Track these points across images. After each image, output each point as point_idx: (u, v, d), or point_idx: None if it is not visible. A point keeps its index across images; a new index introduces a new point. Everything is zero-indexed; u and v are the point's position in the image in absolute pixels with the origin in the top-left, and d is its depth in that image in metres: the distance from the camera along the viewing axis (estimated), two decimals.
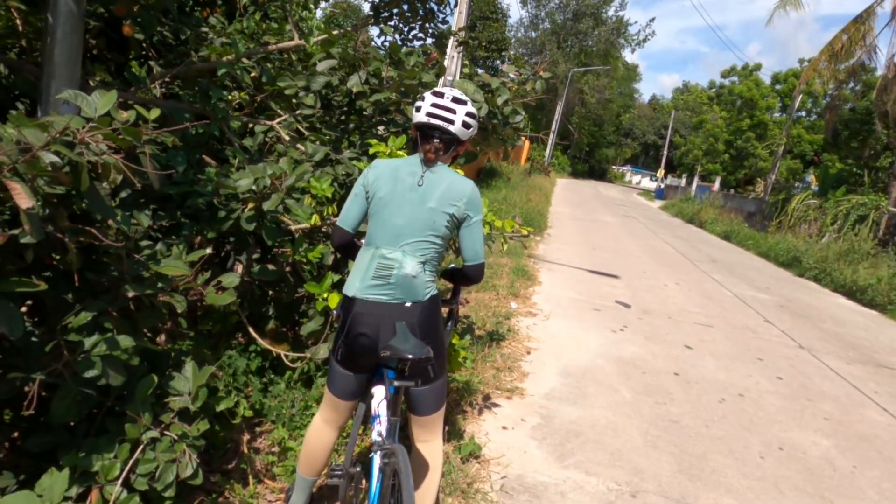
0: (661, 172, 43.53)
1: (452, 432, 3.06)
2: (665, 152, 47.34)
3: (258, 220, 2.53)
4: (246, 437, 2.54)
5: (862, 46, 16.49)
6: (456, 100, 2.01)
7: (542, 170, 30.42)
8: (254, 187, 2.51)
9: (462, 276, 2.22)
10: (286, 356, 2.83)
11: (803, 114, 34.80)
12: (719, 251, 14.25)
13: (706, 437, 3.66)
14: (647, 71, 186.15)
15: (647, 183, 56.51)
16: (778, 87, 37.16)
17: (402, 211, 1.96)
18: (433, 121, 1.99)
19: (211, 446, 2.62)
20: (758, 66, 38.76)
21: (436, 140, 2.01)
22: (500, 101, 2.97)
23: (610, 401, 3.97)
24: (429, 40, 4.49)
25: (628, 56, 69.63)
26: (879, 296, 9.47)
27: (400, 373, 1.89)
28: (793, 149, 32.27)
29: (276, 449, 2.72)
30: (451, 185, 2.00)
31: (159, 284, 1.85)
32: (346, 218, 2.08)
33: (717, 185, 31.01)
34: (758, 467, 3.38)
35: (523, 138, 34.35)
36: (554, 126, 38.72)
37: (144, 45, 3.70)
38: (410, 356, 1.70)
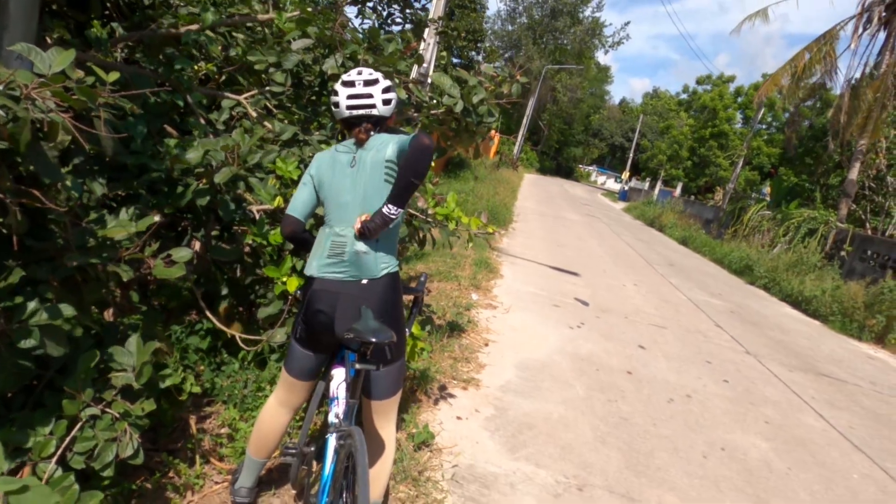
0: (626, 175, 44.34)
1: (406, 420, 3.05)
2: (631, 155, 48.23)
3: (213, 196, 2.45)
4: (194, 417, 2.47)
5: (823, 66, 17.06)
6: (367, 83, 2.01)
7: (510, 164, 30.55)
8: (207, 160, 2.42)
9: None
10: (240, 338, 2.76)
11: (764, 126, 35.90)
12: (677, 255, 14.61)
13: (654, 435, 3.75)
14: (618, 73, 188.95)
15: (612, 184, 57.43)
16: (739, 99, 38.29)
17: (345, 188, 1.97)
18: (356, 112, 2.01)
19: (157, 424, 2.54)
20: (731, 78, 39.87)
21: (364, 124, 2.01)
22: (475, 99, 2.95)
23: (564, 396, 4.03)
24: (407, 26, 4.42)
25: (601, 57, 70.49)
26: (823, 307, 9.86)
27: (361, 356, 1.86)
28: (752, 160, 33.30)
29: (225, 430, 2.66)
30: (376, 146, 1.98)
31: (104, 254, 1.77)
32: (295, 205, 2.07)
33: (678, 191, 31.78)
34: (700, 466, 3.48)
35: (493, 133, 34.47)
36: (525, 121, 38.92)
37: (108, 4, 3.54)
38: (374, 339, 1.68)
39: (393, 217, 1.88)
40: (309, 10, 3.13)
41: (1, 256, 1.74)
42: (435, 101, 3.03)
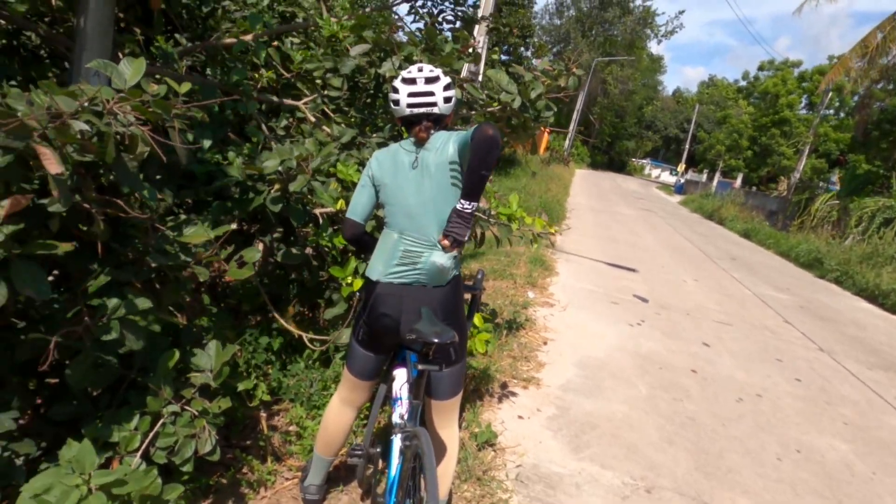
0: (681, 167, 43.00)
1: (469, 419, 3.05)
2: (687, 146, 46.73)
3: (284, 202, 2.51)
4: (264, 414, 2.55)
5: None
6: (428, 80, 1.98)
7: (561, 160, 30.18)
8: (280, 168, 2.49)
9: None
10: (307, 338, 2.83)
11: (831, 112, 34.10)
12: (739, 249, 14.05)
13: (723, 436, 3.62)
14: (672, 63, 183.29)
15: (667, 177, 55.82)
16: (804, 84, 36.47)
17: (409, 191, 1.95)
18: (417, 110, 1.97)
19: (230, 422, 2.63)
20: (798, 63, 38.02)
21: (424, 123, 1.99)
22: (533, 94, 2.91)
23: (626, 395, 3.94)
24: (458, 24, 4.43)
25: (654, 47, 68.59)
26: None
27: (423, 356, 1.87)
28: (818, 147, 31.69)
29: (293, 427, 2.73)
30: (439, 150, 1.96)
31: (182, 257, 1.84)
32: (355, 208, 2.07)
33: (738, 182, 30.54)
34: (775, 469, 3.33)
35: (543, 128, 33.95)
36: (575, 116, 38.32)
37: (171, 17, 3.70)
38: (436, 340, 1.68)
39: (468, 211, 1.85)
40: (361, 13, 3.18)
41: (87, 261, 1.84)
42: (490, 99, 3.02)
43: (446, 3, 4.19)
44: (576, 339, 4.91)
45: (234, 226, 2.29)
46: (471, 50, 3.16)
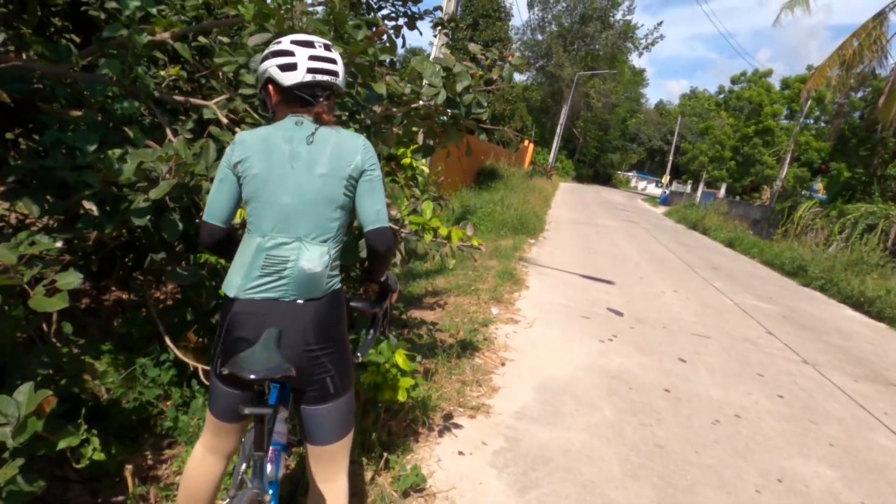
0: (666, 178, 43.04)
1: (393, 461, 2.63)
2: (671, 158, 46.86)
3: (155, 214, 2.12)
4: (130, 467, 2.12)
5: (872, 52, 16.03)
6: (327, 46, 1.68)
7: (544, 173, 29.94)
8: (150, 173, 2.10)
9: (368, 251, 1.75)
10: (202, 369, 2.43)
11: (811, 121, 34.28)
12: (722, 258, 13.78)
13: (695, 465, 3.23)
14: (654, 76, 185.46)
15: (653, 189, 55.91)
16: (786, 92, 36.71)
17: (286, 186, 1.56)
18: (319, 77, 1.61)
19: (101, 474, 2.22)
20: (768, 72, 38.35)
21: (321, 100, 1.63)
22: (459, 87, 2.54)
23: (588, 420, 3.55)
24: (401, 20, 4.09)
25: (635, 60, 69.26)
26: (888, 308, 8.98)
27: (257, 395, 1.50)
28: (800, 156, 31.78)
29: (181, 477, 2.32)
30: (339, 142, 1.62)
31: None
32: (212, 208, 1.65)
33: (722, 192, 30.48)
34: (753, 502, 2.95)
35: (527, 141, 33.95)
36: (559, 130, 38.26)
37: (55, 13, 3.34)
38: (252, 376, 1.31)
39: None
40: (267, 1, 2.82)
41: None
42: (415, 94, 2.66)
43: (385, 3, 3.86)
44: (538, 358, 4.52)
45: (59, 244, 1.88)
46: (385, 38, 2.81)
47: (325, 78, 1.62)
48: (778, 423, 4.05)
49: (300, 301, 1.57)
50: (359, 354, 1.75)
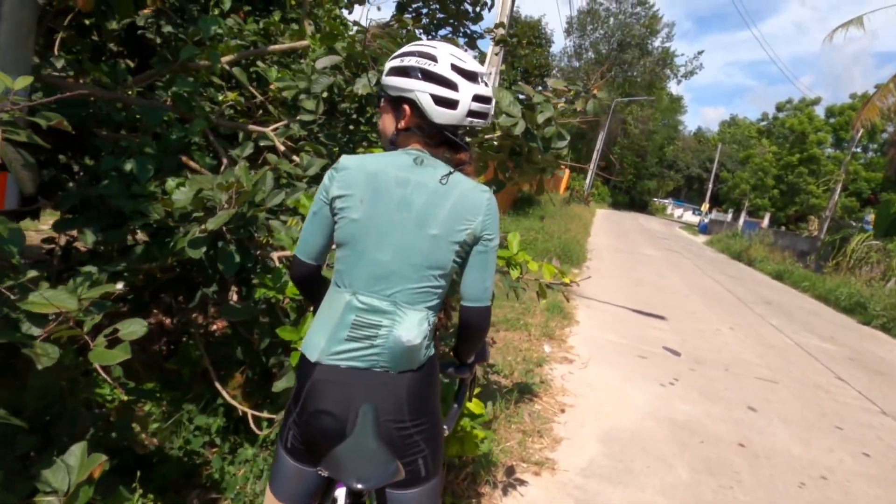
0: (705, 206, 42.06)
1: None
2: (710, 185, 45.88)
3: (211, 246, 1.94)
4: None
5: None
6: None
7: (581, 200, 29.60)
8: (207, 202, 1.93)
9: (461, 326, 1.51)
10: (252, 416, 2.23)
11: (860, 150, 33.18)
12: (773, 292, 13.17)
13: None
14: (692, 103, 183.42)
15: (690, 217, 54.72)
16: (832, 119, 35.69)
17: (388, 240, 1.32)
18: (477, 121, 1.39)
19: None
20: (817, 100, 37.34)
21: (464, 148, 1.42)
22: (540, 119, 2.33)
23: (663, 481, 3.22)
24: (461, 39, 3.93)
25: (673, 87, 68.50)
26: None
27: (355, 496, 1.26)
28: (848, 186, 30.69)
29: None
30: (461, 197, 1.35)
31: (27, 328, 1.27)
32: (305, 245, 1.44)
33: (766, 222, 29.54)
34: None
35: (563, 167, 33.53)
36: (595, 156, 37.89)
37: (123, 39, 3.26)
38: (362, 486, 1.07)
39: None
40: (338, 23, 2.67)
41: None
42: (491, 124, 2.46)
43: (445, 24, 3.70)
44: (599, 403, 4.20)
45: (120, 286, 1.70)
46: None
47: (480, 122, 1.39)
48: (870, 487, 3.64)
49: (393, 373, 1.34)
50: (445, 427, 1.52)
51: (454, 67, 1.34)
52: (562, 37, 69.05)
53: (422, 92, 1.32)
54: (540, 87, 2.71)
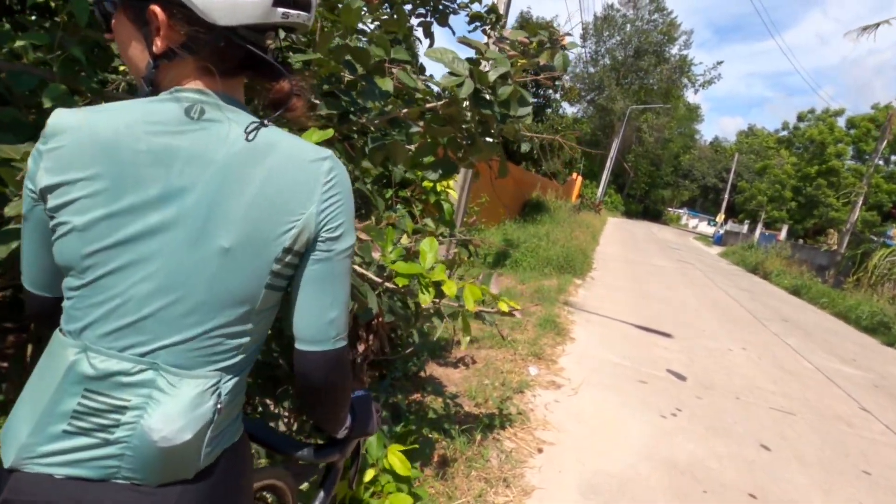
0: (720, 217, 41.14)
1: None
2: (726, 196, 44.93)
3: None
4: None
5: None
6: None
7: (592, 207, 28.87)
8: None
9: (298, 383, 0.92)
10: None
11: (881, 162, 32.18)
12: (790, 308, 12.45)
13: None
14: (709, 112, 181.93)
15: (705, 227, 53.78)
16: (852, 131, 34.74)
17: (143, 260, 0.78)
18: (293, 15, 0.82)
19: None
20: (840, 111, 36.37)
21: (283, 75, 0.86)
22: (492, 75, 1.77)
23: None
24: (430, 17, 3.37)
25: (690, 96, 67.57)
26: None
27: None
28: (868, 199, 29.73)
29: None
30: (277, 171, 0.81)
31: None
32: (28, 268, 0.89)
33: (783, 234, 28.63)
34: None
35: (575, 176, 32.81)
36: (609, 163, 37.17)
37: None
38: None
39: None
40: None
41: None
42: (429, 89, 1.91)
43: None
44: (586, 441, 3.61)
45: None
46: (377, 5, 2.06)
47: (301, 18, 0.83)
48: None
49: (148, 487, 0.79)
50: None
51: None
52: (578, 39, 68.51)
53: None
54: (554, 96, 2.15)
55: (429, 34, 3.14)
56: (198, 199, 0.77)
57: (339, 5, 1.84)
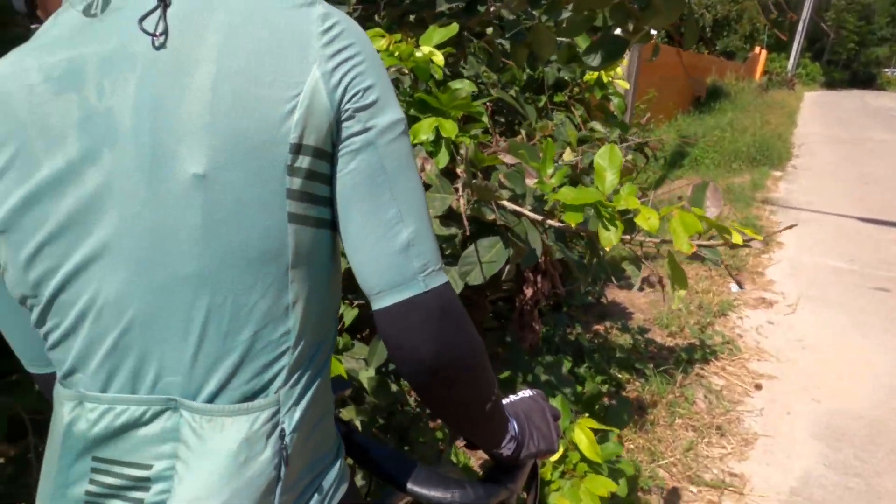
0: None
1: None
2: None
3: None
4: None
5: None
6: None
7: (784, 83, 24.76)
8: None
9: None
10: None
11: None
12: None
13: None
14: None
15: None
16: None
17: (108, 241, 0.49)
18: None
19: None
20: None
21: None
22: None
23: None
24: None
25: None
26: None
27: None
28: None
29: None
30: (238, 29, 0.48)
31: None
32: (17, 346, 0.62)
33: None
34: None
35: (758, 49, 28.21)
36: (801, 27, 31.32)
37: None
38: None
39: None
40: None
41: None
42: None
43: None
44: (815, 372, 2.95)
45: None
46: None
47: None
48: None
49: None
50: None
51: None
52: None
53: None
54: None
55: None
56: (134, 118, 0.47)
57: None
